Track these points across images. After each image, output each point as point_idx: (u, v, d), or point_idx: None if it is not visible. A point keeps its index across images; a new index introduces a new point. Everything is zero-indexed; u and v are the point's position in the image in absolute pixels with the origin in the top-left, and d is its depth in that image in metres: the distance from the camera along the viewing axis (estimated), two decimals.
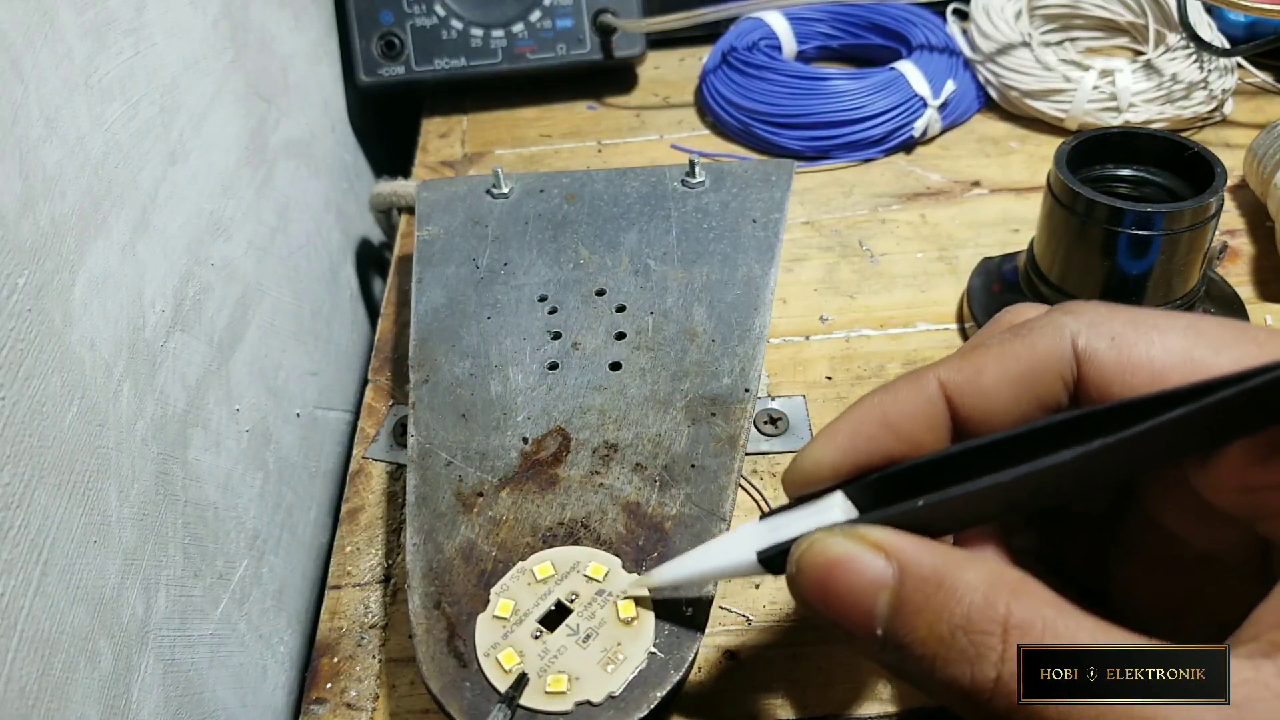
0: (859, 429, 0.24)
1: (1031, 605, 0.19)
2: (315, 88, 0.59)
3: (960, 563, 0.20)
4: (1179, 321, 0.22)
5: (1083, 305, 0.23)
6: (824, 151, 0.59)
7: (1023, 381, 0.23)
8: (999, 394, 0.23)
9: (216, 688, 0.36)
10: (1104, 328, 0.22)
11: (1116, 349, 0.22)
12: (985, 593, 0.19)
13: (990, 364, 0.23)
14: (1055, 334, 0.23)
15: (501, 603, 0.31)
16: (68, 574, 0.28)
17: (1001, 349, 0.23)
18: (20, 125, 0.28)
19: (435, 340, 0.40)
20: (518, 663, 0.29)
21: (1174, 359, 0.21)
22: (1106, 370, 0.22)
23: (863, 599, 0.21)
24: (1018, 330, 0.24)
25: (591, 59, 0.64)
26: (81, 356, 0.30)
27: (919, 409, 0.24)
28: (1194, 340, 0.21)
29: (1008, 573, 0.20)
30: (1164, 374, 0.21)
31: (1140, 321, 0.22)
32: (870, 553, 0.21)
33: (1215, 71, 0.58)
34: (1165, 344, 0.22)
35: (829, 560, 0.22)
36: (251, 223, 0.46)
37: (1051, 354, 0.23)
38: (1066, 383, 0.23)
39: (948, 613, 0.19)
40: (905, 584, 0.20)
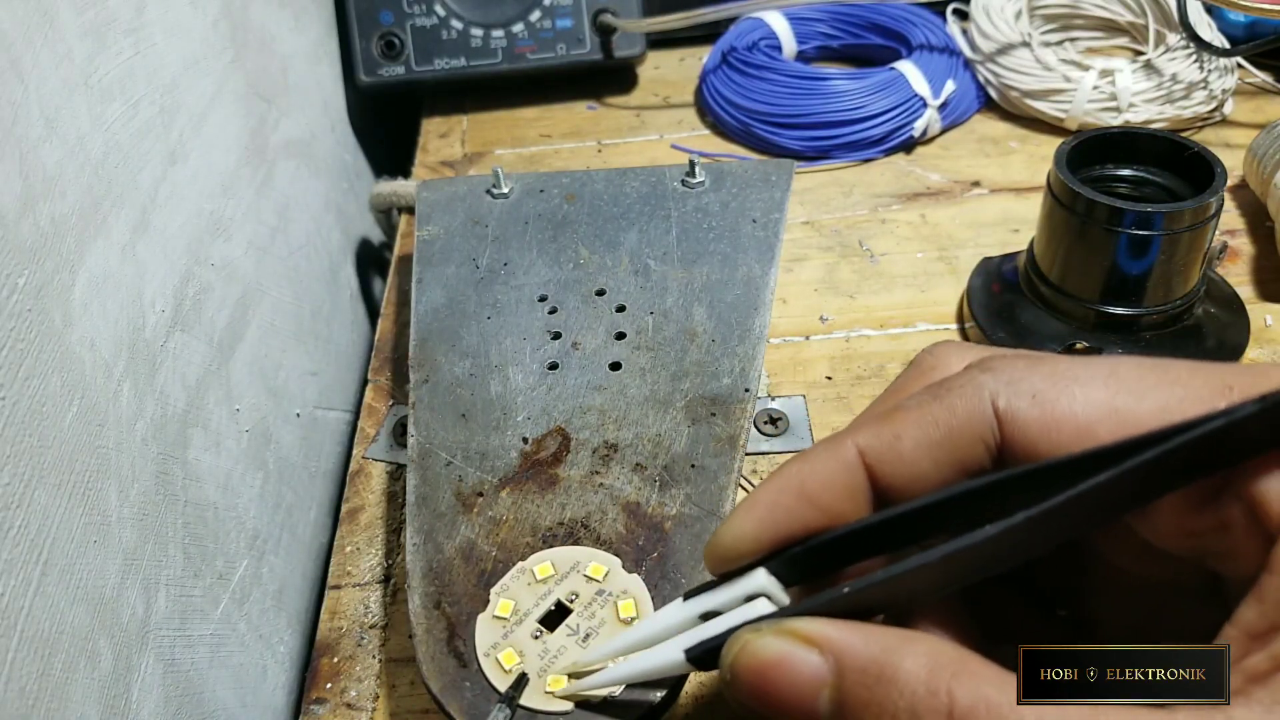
0: (777, 501, 0.24)
1: (972, 686, 0.19)
2: (315, 88, 0.59)
3: (898, 649, 0.20)
4: (1099, 370, 0.21)
5: (999, 361, 0.23)
6: (824, 151, 0.59)
7: (943, 446, 0.22)
8: (919, 460, 0.22)
9: (216, 688, 0.36)
10: (1023, 385, 0.22)
11: (1039, 406, 0.21)
12: (926, 682, 0.19)
13: (909, 429, 0.23)
14: (974, 395, 0.22)
15: (501, 603, 0.31)
16: (68, 574, 0.28)
17: (920, 413, 0.23)
18: (20, 125, 0.28)
19: (435, 340, 0.40)
20: (518, 663, 0.29)
21: (1097, 411, 0.21)
22: (1031, 430, 0.21)
23: (803, 699, 0.20)
24: (935, 392, 0.23)
25: (591, 59, 0.64)
26: (81, 356, 0.30)
27: (837, 479, 0.23)
28: (1115, 389, 0.21)
29: (946, 653, 0.19)
30: (1089, 428, 0.21)
31: (1059, 374, 0.22)
32: (804, 649, 0.20)
33: (1215, 71, 0.58)
34: (1086, 397, 0.21)
35: (762, 664, 0.21)
36: (251, 223, 0.46)
37: (971, 417, 0.22)
38: (989, 445, 0.22)
39: (891, 707, 0.19)
40: (845, 679, 0.20)
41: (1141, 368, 0.21)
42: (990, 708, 0.18)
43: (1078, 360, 0.22)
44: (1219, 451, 0.19)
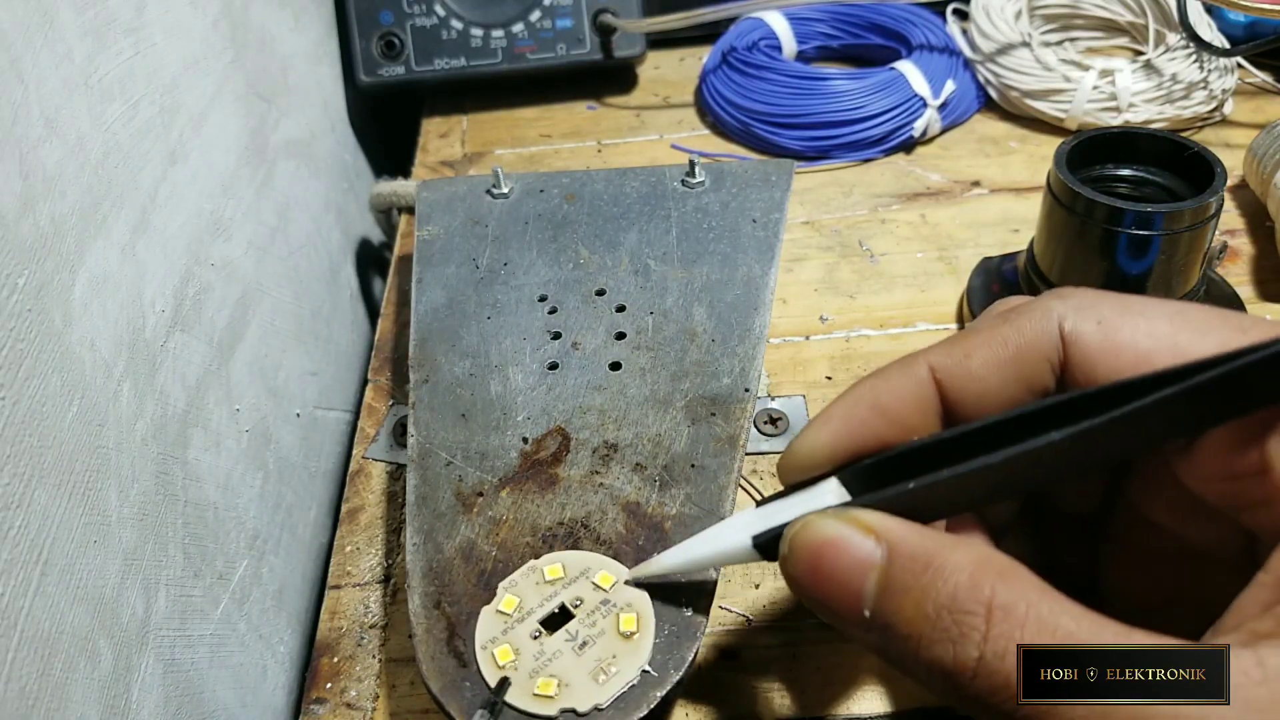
0: (852, 414, 0.24)
1: (1017, 589, 0.19)
2: (315, 88, 0.59)
3: (949, 545, 0.20)
4: (1165, 308, 0.22)
5: (1071, 290, 0.24)
6: (824, 151, 0.59)
7: (1010, 365, 0.23)
8: (987, 378, 0.23)
9: (216, 688, 0.36)
10: (1090, 311, 0.23)
11: (1102, 332, 0.22)
12: (971, 573, 0.19)
13: (978, 348, 0.24)
14: (1042, 318, 0.23)
15: (507, 598, 0.31)
16: (68, 574, 0.28)
17: (990, 333, 0.24)
18: (20, 125, 0.28)
19: (435, 340, 0.40)
20: (512, 659, 0.29)
21: (1159, 343, 0.21)
22: (1092, 353, 0.22)
23: (852, 579, 0.21)
24: (1006, 315, 0.24)
25: (591, 59, 0.64)
26: (81, 356, 0.30)
27: (909, 393, 0.24)
28: (1179, 325, 0.22)
29: (995, 556, 0.20)
30: (1149, 357, 0.21)
31: (1127, 306, 0.22)
32: (860, 534, 0.21)
33: (1215, 71, 0.58)
34: (1150, 328, 0.22)
35: (820, 541, 0.22)
36: (251, 223, 0.46)
37: (1038, 337, 0.23)
38: (1053, 365, 0.23)
39: (934, 592, 0.20)
40: (893, 564, 0.20)
41: (1207, 311, 0.22)
42: (1031, 607, 0.19)
43: (1148, 298, 0.23)
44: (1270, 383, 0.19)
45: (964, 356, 0.24)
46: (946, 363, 0.24)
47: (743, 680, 0.34)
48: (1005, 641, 0.18)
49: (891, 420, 0.24)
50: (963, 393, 0.24)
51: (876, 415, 0.24)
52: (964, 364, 0.24)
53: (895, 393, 0.24)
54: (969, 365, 0.23)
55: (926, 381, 0.24)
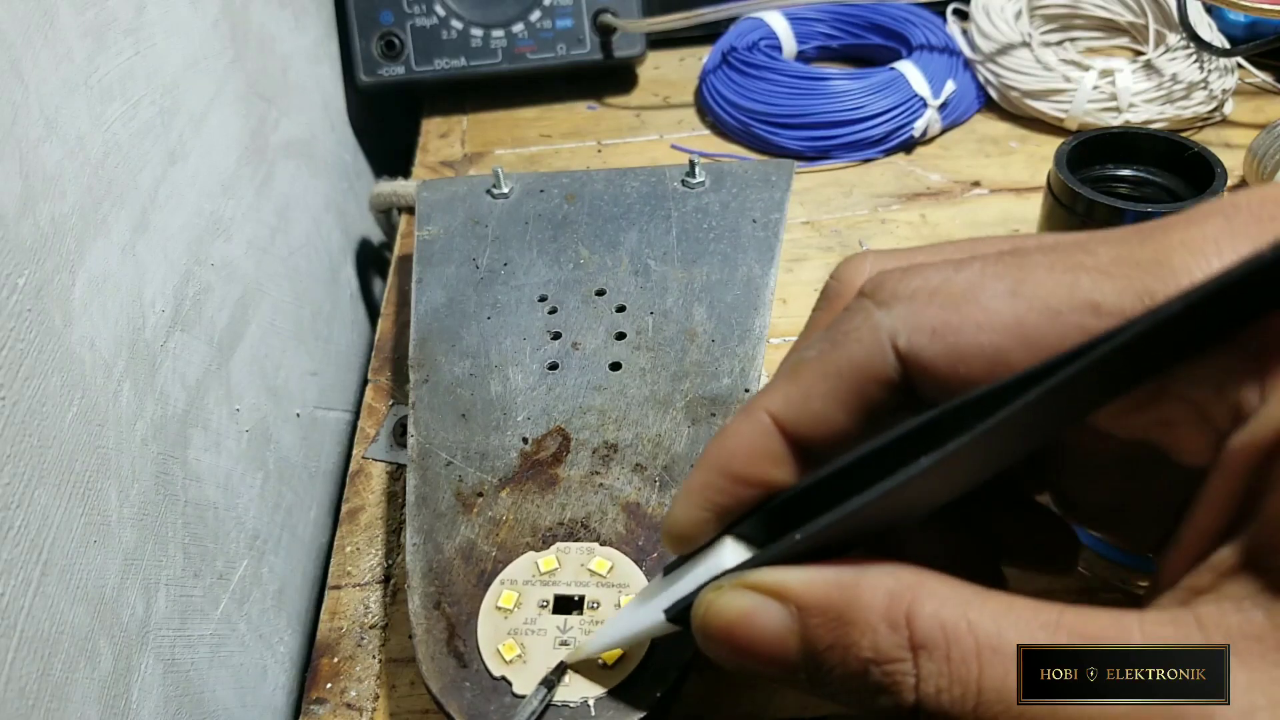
0: (708, 484, 0.23)
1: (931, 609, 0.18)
2: (315, 88, 0.59)
3: (855, 583, 0.20)
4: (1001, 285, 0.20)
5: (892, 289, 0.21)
6: (824, 151, 0.59)
7: (851, 395, 0.22)
8: (830, 414, 0.22)
9: (216, 688, 0.36)
10: (922, 318, 0.21)
11: (941, 341, 0.20)
12: (885, 613, 0.19)
13: (814, 384, 0.22)
14: (871, 339, 0.21)
15: (505, 594, 0.31)
16: (68, 574, 0.28)
17: (821, 365, 0.22)
18: (20, 125, 0.28)
19: (435, 340, 0.40)
20: (518, 654, 0.29)
21: (1006, 338, 0.20)
22: (936, 366, 0.20)
23: (774, 649, 0.20)
24: (834, 339, 0.22)
25: (591, 59, 0.64)
26: (81, 356, 0.30)
27: (756, 449, 0.23)
28: (1022, 309, 0.20)
29: (902, 579, 0.19)
30: (1000, 358, 0.20)
31: (960, 298, 0.20)
32: (765, 601, 0.21)
33: (1215, 71, 0.58)
34: (990, 322, 0.20)
35: (729, 622, 0.21)
36: (251, 223, 0.46)
37: (872, 362, 0.21)
38: (896, 385, 0.21)
39: (856, 648, 0.19)
40: (808, 624, 0.20)
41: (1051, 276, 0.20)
42: (949, 630, 0.18)
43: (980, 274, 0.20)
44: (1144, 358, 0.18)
45: (802, 399, 0.22)
46: (786, 409, 0.23)
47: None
48: (935, 679, 0.18)
49: (748, 482, 0.23)
50: (810, 433, 0.22)
51: (733, 482, 0.23)
52: (804, 406, 0.22)
53: (743, 452, 0.23)
54: (809, 407, 0.22)
55: (771, 432, 0.23)
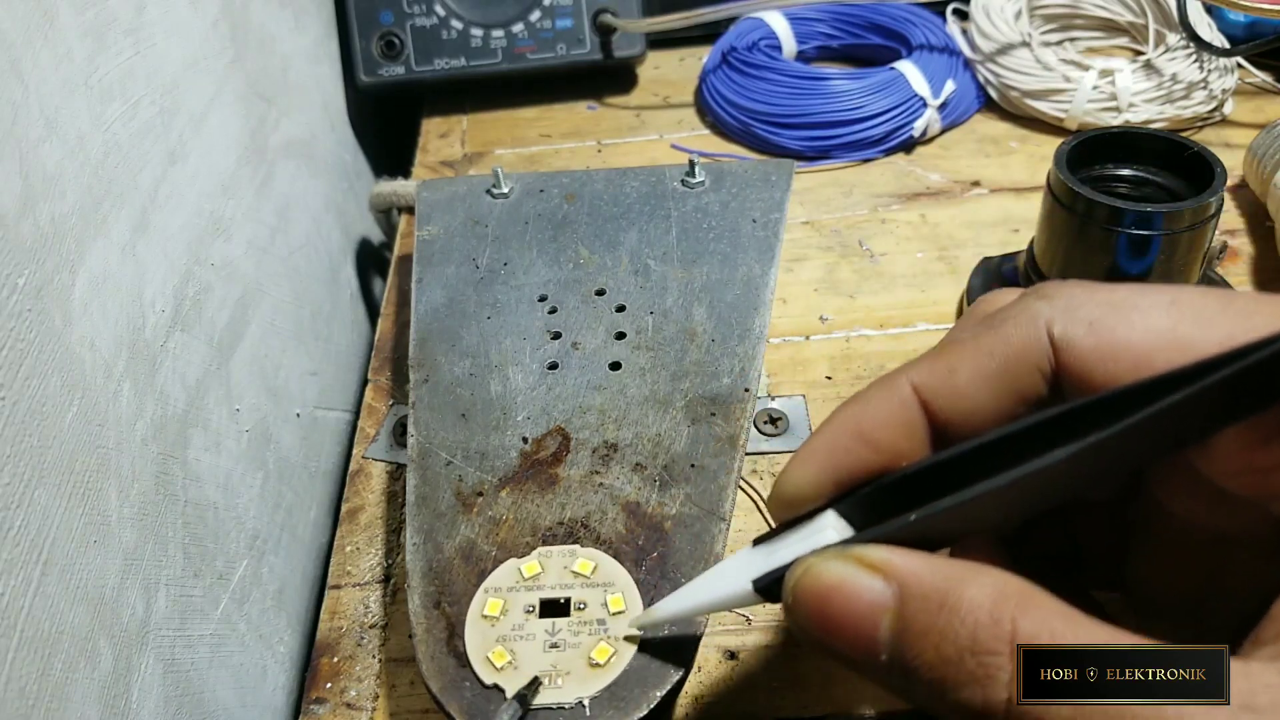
0: (835, 445, 0.23)
1: (1038, 618, 0.18)
2: (315, 88, 0.59)
3: (962, 578, 0.19)
4: (1160, 297, 0.21)
5: (1057, 288, 0.22)
6: (824, 151, 0.59)
7: (999, 378, 0.22)
8: (975, 392, 0.22)
9: (216, 688, 0.36)
10: (1080, 312, 0.21)
11: (1095, 335, 0.21)
12: (990, 610, 0.18)
13: (964, 362, 0.22)
14: (1029, 324, 0.22)
15: (490, 602, 0.31)
16: (68, 574, 0.28)
17: (975, 344, 0.22)
18: (20, 125, 0.28)
19: (435, 340, 0.40)
20: (508, 660, 0.29)
21: (1158, 340, 0.20)
22: (1086, 358, 0.21)
23: (864, 624, 0.20)
24: (990, 322, 0.22)
25: (591, 59, 0.64)
26: (81, 356, 0.30)
27: (894, 417, 0.23)
28: (1177, 318, 0.20)
29: (1012, 584, 0.19)
30: (1148, 357, 0.20)
31: (1119, 302, 0.21)
32: (868, 575, 0.20)
33: (1215, 71, 0.58)
34: (1147, 324, 0.20)
35: (825, 586, 0.20)
36: (251, 223, 0.46)
37: (1026, 346, 0.21)
38: (1045, 374, 0.21)
39: (953, 634, 0.18)
40: (907, 605, 0.19)
41: (1206, 296, 0.20)
42: (1055, 636, 0.18)
43: (1139, 287, 0.21)
44: None
45: (948, 372, 0.22)
46: (930, 380, 0.22)
47: (743, 680, 0.34)
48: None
49: (877, 448, 0.23)
50: (951, 410, 0.22)
51: (861, 444, 0.23)
52: (949, 380, 0.22)
53: (878, 418, 0.23)
54: (955, 381, 0.22)
55: (911, 402, 0.22)
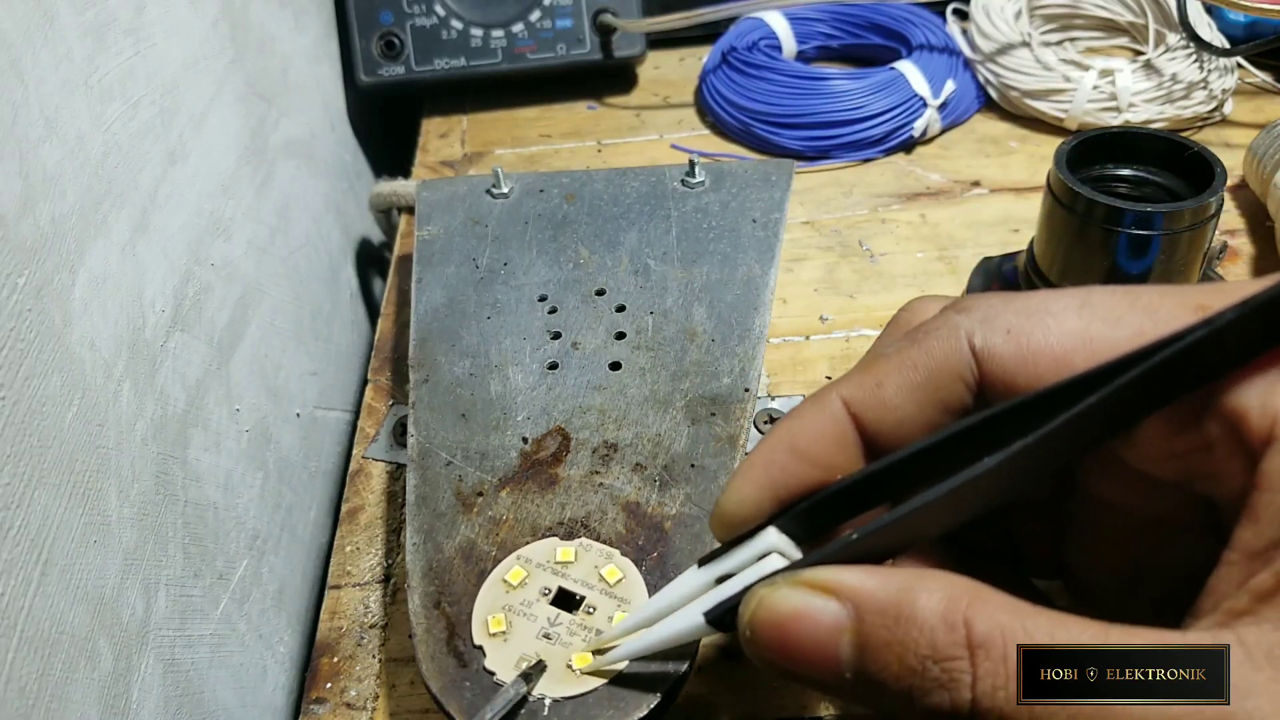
0: (771, 462, 0.24)
1: (988, 614, 0.19)
2: (315, 88, 0.59)
3: (913, 587, 0.20)
4: (1071, 301, 0.22)
5: (973, 301, 0.23)
6: (824, 151, 0.59)
7: (924, 389, 0.23)
8: (903, 405, 0.23)
9: (216, 688, 0.36)
10: (998, 322, 0.22)
11: (1013, 342, 0.22)
12: (944, 615, 0.19)
13: (890, 375, 0.23)
14: (950, 336, 0.23)
15: (515, 569, 0.31)
16: (68, 574, 0.28)
17: (899, 359, 0.23)
18: (20, 125, 0.28)
19: (435, 340, 0.40)
20: (502, 630, 0.30)
21: (1072, 341, 0.21)
22: (1008, 365, 0.22)
23: (824, 647, 0.20)
24: (913, 336, 0.23)
25: (591, 59, 0.64)
26: (81, 356, 0.30)
27: (826, 432, 0.24)
28: (1089, 318, 0.21)
29: (959, 586, 0.20)
30: (1066, 358, 0.21)
31: (1033, 309, 0.22)
32: (820, 598, 0.21)
33: (1215, 71, 0.58)
34: (1061, 327, 0.21)
35: (781, 616, 0.21)
36: (251, 223, 0.46)
37: (949, 357, 0.22)
38: (969, 384, 0.22)
39: (913, 644, 0.19)
40: (864, 622, 0.20)
41: (1114, 295, 0.22)
42: (1005, 633, 0.18)
43: (1051, 293, 0.22)
44: (1198, 366, 0.19)
45: (876, 386, 0.23)
46: (859, 395, 0.23)
47: (743, 680, 0.34)
48: (992, 678, 0.18)
49: (812, 462, 0.24)
50: (880, 423, 0.23)
51: (796, 460, 0.24)
52: (877, 394, 0.23)
53: (811, 434, 0.24)
54: (882, 395, 0.23)
55: (841, 417, 0.23)
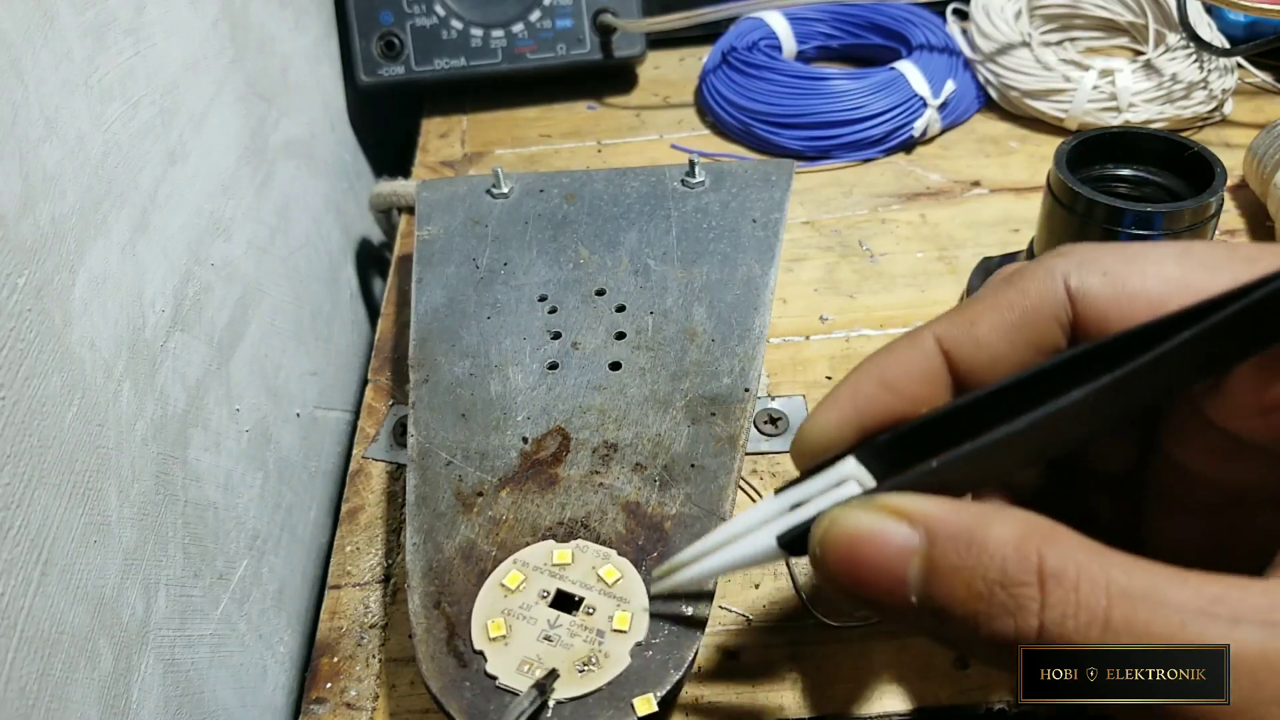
0: (859, 392, 0.24)
1: (1064, 550, 0.19)
2: (315, 88, 0.59)
3: (987, 517, 0.20)
4: (1171, 249, 0.22)
5: (1073, 246, 0.23)
6: (824, 151, 0.59)
7: (1018, 328, 0.23)
8: (996, 343, 0.23)
9: (216, 688, 0.36)
10: (1095, 264, 0.22)
11: (1110, 283, 0.22)
12: (1017, 545, 0.19)
13: (984, 314, 0.23)
14: (1046, 277, 0.22)
15: (513, 573, 0.31)
16: (68, 574, 0.28)
17: (995, 298, 0.23)
18: (20, 125, 0.28)
19: (435, 340, 0.40)
20: (502, 634, 0.29)
21: (1170, 286, 0.21)
22: (1102, 305, 0.22)
23: (893, 569, 0.20)
24: (1010, 279, 0.23)
25: (591, 59, 0.64)
26: (81, 356, 0.30)
27: (916, 366, 0.24)
28: (1187, 266, 0.21)
29: (1036, 521, 0.19)
30: (1161, 302, 0.21)
31: (1131, 255, 0.22)
32: (894, 521, 0.20)
33: (1215, 71, 0.58)
34: (1159, 273, 0.21)
35: (853, 536, 0.21)
36: (251, 223, 0.46)
37: (1044, 297, 0.22)
38: (1063, 324, 0.22)
39: (983, 569, 0.19)
40: (935, 546, 0.20)
41: (1214, 247, 0.21)
42: (1080, 568, 0.18)
43: (1150, 244, 0.22)
44: None
45: (969, 324, 0.23)
46: (952, 332, 0.23)
47: (743, 680, 0.34)
48: (1062, 606, 0.18)
49: (900, 395, 0.23)
50: (972, 361, 0.23)
51: (884, 391, 0.24)
52: (970, 332, 0.23)
53: (902, 367, 0.24)
54: (975, 332, 0.23)
55: (933, 353, 0.23)
